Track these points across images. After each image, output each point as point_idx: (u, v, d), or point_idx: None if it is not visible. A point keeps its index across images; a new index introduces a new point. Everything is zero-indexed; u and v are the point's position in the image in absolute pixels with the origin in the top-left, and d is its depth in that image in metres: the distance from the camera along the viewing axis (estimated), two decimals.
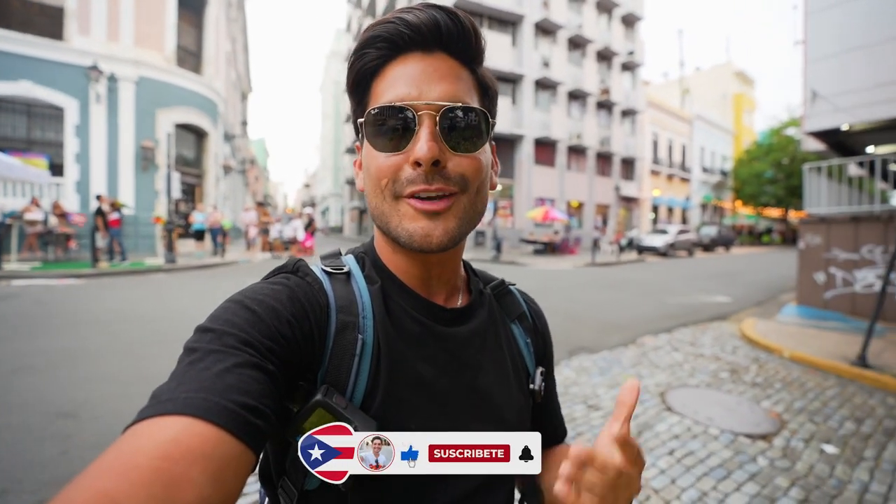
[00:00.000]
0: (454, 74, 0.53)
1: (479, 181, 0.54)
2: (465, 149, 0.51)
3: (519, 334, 0.68)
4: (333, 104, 53.69)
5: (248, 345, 0.42)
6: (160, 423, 0.34)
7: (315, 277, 0.55)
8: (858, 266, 7.04)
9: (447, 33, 0.52)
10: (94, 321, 5.42)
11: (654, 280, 11.95)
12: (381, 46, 0.52)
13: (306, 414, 0.45)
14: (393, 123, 0.50)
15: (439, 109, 0.50)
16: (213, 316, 0.45)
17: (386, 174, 0.51)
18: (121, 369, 3.86)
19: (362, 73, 0.54)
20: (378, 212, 0.54)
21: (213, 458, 0.33)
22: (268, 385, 0.41)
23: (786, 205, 34.13)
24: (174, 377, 0.39)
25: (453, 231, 0.52)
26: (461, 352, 0.58)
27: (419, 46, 0.52)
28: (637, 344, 5.42)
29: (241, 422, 0.36)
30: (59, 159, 12.06)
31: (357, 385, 0.50)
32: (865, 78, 7.13)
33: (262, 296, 0.48)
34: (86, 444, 2.63)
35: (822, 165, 7.93)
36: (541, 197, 23.15)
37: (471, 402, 0.56)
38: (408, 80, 0.51)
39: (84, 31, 12.37)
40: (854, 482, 2.56)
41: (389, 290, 0.58)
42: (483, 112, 0.53)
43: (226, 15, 19.91)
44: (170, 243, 11.12)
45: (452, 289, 0.63)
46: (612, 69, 27.30)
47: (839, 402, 3.77)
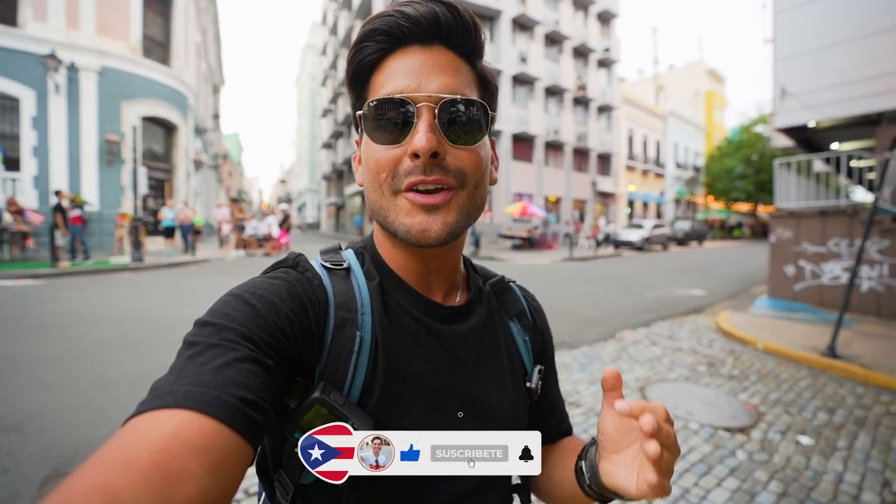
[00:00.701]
0: (453, 67, 0.53)
1: (479, 176, 0.53)
2: (464, 142, 0.51)
3: (517, 332, 0.68)
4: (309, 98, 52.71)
5: (247, 339, 0.42)
6: (159, 416, 0.34)
7: (315, 273, 0.55)
8: (826, 259, 7.25)
9: (446, 26, 0.52)
10: (50, 324, 5.11)
11: (631, 274, 12.11)
12: (381, 39, 0.52)
13: (304, 410, 0.46)
14: (392, 116, 0.50)
15: (438, 102, 0.50)
16: (212, 310, 0.45)
17: (385, 168, 0.51)
18: (76, 376, 3.62)
19: (361, 66, 0.54)
20: (377, 206, 0.54)
21: (211, 451, 0.33)
22: (266, 380, 0.41)
23: (755, 200, 35.20)
24: (173, 370, 0.39)
25: (452, 225, 0.51)
26: (458, 349, 0.58)
27: (418, 39, 0.52)
28: (616, 338, 5.44)
29: (240, 416, 0.36)
30: (15, 153, 11.38)
31: (354, 381, 0.50)
32: (832, 76, 7.34)
33: (262, 290, 0.48)
34: (31, 459, 2.43)
35: (791, 161, 8.13)
36: (519, 192, 23.25)
37: (467, 399, 0.57)
38: (407, 72, 0.51)
39: (40, 18, 11.69)
40: (829, 472, 2.60)
41: (388, 287, 0.58)
42: (483, 105, 0.53)
43: (195, 4, 19.20)
44: (136, 241, 10.66)
45: (451, 285, 0.62)
46: (588, 65, 27.60)
47: (812, 393, 3.85)
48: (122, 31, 13.13)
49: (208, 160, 24.64)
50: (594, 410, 3.38)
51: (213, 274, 9.81)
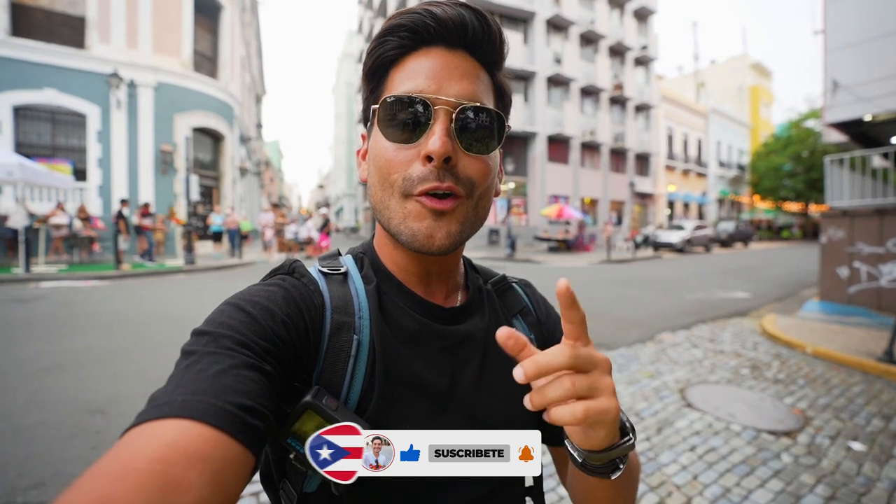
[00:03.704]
0: (474, 74, 0.52)
1: (485, 186, 0.53)
2: (476, 150, 0.51)
3: (522, 330, 0.65)
4: (346, 105, 54.06)
5: (244, 346, 0.41)
6: (158, 427, 0.34)
7: (311, 278, 0.54)
8: (884, 260, 6.85)
9: (473, 33, 0.51)
10: (119, 321, 5.58)
11: (671, 276, 11.80)
12: (405, 36, 0.51)
13: (295, 416, 0.44)
14: (408, 115, 0.49)
15: (456, 107, 0.49)
16: (208, 319, 0.45)
17: (397, 169, 0.50)
18: (146, 367, 3.97)
19: (382, 59, 0.53)
20: (382, 206, 0.53)
21: (211, 460, 0.33)
22: (265, 386, 0.40)
23: (805, 199, 33.30)
24: (171, 380, 0.39)
25: (455, 235, 0.51)
26: (460, 350, 0.57)
27: (443, 41, 0.51)
28: (655, 341, 5.37)
29: (239, 423, 0.36)
30: (83, 164, 12.39)
31: (352, 386, 0.50)
32: (889, 66, 6.94)
33: (258, 297, 0.48)
34: (114, 438, 2.66)
35: (845, 157, 7.73)
36: (555, 194, 22.99)
37: (471, 401, 0.55)
38: (428, 73, 0.50)
39: (104, 40, 12.68)
40: (883, 480, 2.51)
41: (387, 289, 0.57)
42: (499, 115, 0.52)
43: (240, 20, 20.19)
44: (189, 245, 11.35)
45: (452, 286, 0.62)
46: (625, 64, 26.99)
47: (866, 399, 3.70)
48: (175, 48, 14.02)
49: (252, 167, 25.75)
50: (633, 410, 3.39)
51: (258, 276, 10.23)
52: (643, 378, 4.11)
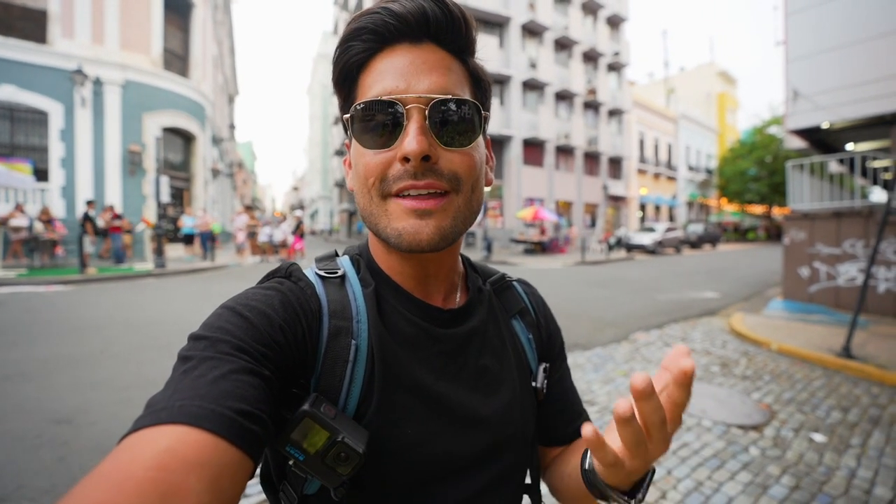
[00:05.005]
0: (444, 66, 0.50)
1: (473, 179, 0.51)
2: (457, 143, 0.49)
3: (520, 330, 0.65)
4: (321, 106, 53.41)
5: (242, 351, 0.41)
6: (155, 433, 0.33)
7: (308, 282, 0.53)
8: (841, 260, 7.23)
9: (435, 22, 0.49)
10: (86, 327, 5.36)
11: (644, 277, 12.11)
12: (367, 38, 0.49)
13: (293, 424, 0.44)
14: (380, 118, 0.48)
15: (428, 102, 0.48)
16: (205, 324, 0.44)
17: (373, 172, 0.49)
18: (116, 375, 3.83)
19: (348, 66, 0.52)
20: (367, 212, 0.52)
21: (209, 465, 0.32)
22: (263, 390, 0.40)
23: (769, 202, 34.75)
24: (169, 385, 0.38)
25: (446, 230, 0.49)
26: (459, 353, 0.56)
27: (406, 37, 0.49)
28: (629, 340, 5.51)
29: (238, 428, 0.35)
30: (44, 164, 11.87)
31: (351, 391, 0.49)
32: (844, 77, 7.34)
33: (255, 302, 0.47)
34: (83, 449, 2.62)
35: (805, 163, 8.13)
36: (530, 197, 23.31)
37: (471, 403, 0.54)
38: (395, 72, 0.49)
39: (68, 35, 12.20)
40: (842, 468, 2.66)
41: (384, 293, 0.56)
42: (475, 104, 0.51)
43: (212, 18, 19.74)
44: (159, 248, 11.00)
45: (450, 287, 0.60)
46: (598, 70, 27.61)
47: (826, 393, 3.89)
48: (144, 46, 13.61)
49: (224, 169, 25.18)
50: (609, 409, 3.47)
51: (231, 279, 10.07)
52: (618, 377, 4.21)
